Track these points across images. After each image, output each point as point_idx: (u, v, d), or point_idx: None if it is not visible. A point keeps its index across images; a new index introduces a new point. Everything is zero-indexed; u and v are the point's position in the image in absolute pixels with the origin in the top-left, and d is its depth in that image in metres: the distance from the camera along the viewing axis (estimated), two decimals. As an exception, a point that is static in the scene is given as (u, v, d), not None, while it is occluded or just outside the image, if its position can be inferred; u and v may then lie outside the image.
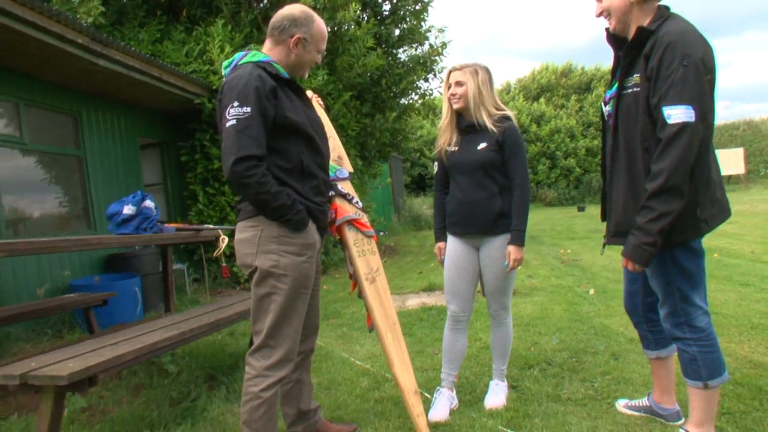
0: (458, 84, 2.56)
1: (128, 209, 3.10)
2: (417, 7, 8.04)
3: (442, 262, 2.76)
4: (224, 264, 3.73)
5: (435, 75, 8.82)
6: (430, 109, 9.71)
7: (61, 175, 5.42)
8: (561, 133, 22.76)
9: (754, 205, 12.99)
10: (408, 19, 8.10)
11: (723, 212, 1.93)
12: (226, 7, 7.06)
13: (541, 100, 24.01)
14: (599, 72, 23.87)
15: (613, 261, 6.65)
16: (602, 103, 2.14)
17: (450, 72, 2.62)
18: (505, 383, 2.78)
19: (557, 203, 21.97)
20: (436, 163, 2.80)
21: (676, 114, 1.72)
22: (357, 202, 2.47)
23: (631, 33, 1.92)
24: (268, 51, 2.13)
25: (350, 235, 2.39)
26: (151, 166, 7.10)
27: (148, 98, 6.25)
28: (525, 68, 71.69)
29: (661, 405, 2.32)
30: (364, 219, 2.47)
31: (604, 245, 2.19)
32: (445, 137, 2.68)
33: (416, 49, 8.58)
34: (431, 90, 9.13)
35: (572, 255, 7.83)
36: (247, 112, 1.86)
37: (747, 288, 4.75)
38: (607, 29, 2.03)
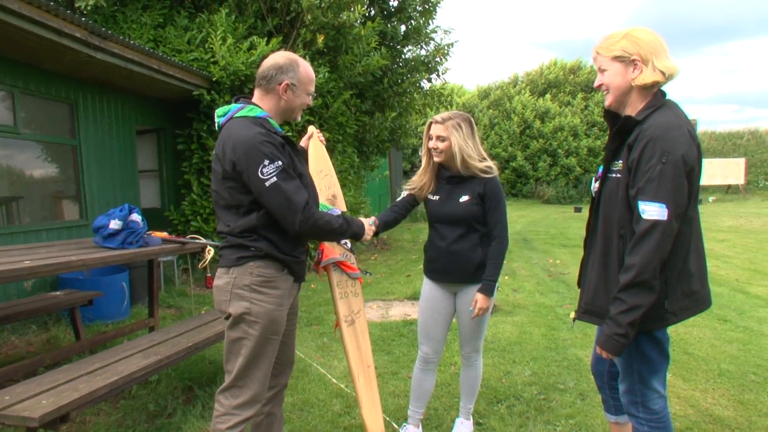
0: (440, 138, 2.56)
1: (114, 224, 3.14)
2: (426, 6, 7.95)
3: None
4: (209, 275, 3.77)
5: (438, 76, 8.76)
6: (428, 107, 9.64)
7: (55, 164, 5.44)
8: (564, 131, 22.67)
9: (749, 219, 13.04)
10: (414, 17, 8.01)
11: (698, 305, 1.95)
12: (230, -5, 6.98)
13: (547, 96, 23.84)
14: (608, 71, 23.68)
15: (599, 279, 6.71)
16: (593, 179, 2.15)
17: (431, 124, 2.61)
18: (471, 421, 2.86)
19: (555, 201, 22.00)
20: (404, 193, 2.78)
21: (650, 210, 1.75)
22: (345, 243, 2.52)
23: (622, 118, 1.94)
24: (259, 101, 2.16)
25: (334, 276, 2.46)
26: (147, 153, 7.12)
27: (146, 87, 6.24)
28: (536, 58, 70.84)
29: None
30: (352, 260, 2.53)
31: (574, 319, 2.23)
32: (425, 183, 2.68)
33: (421, 49, 8.51)
34: (433, 90, 9.07)
35: (560, 267, 7.90)
36: (280, 166, 1.96)
37: (724, 324, 4.83)
38: (605, 106, 2.04)
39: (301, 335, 4.61)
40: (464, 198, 2.58)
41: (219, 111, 2.19)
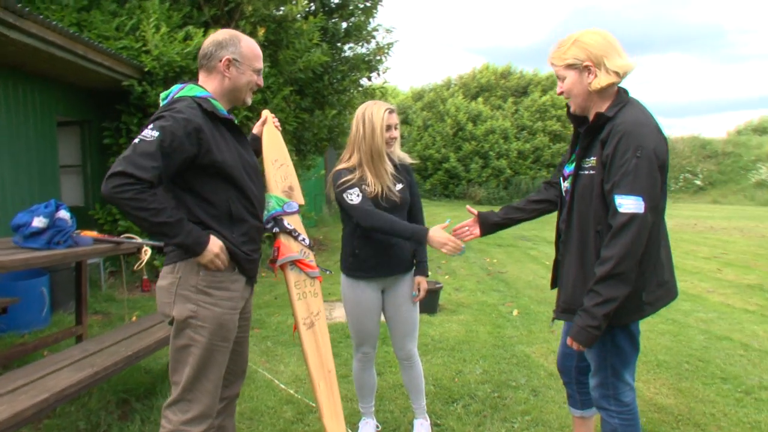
0: (396, 127, 2.53)
1: (39, 221, 2.82)
2: (367, 4, 7.87)
3: None
4: (146, 277, 3.48)
5: (378, 74, 8.72)
6: (378, 96, 9.56)
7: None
8: (495, 134, 23.37)
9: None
10: (357, 14, 7.92)
11: (669, 294, 2.00)
12: (163, -19, 6.58)
13: (480, 99, 24.50)
14: (536, 77, 24.64)
15: (537, 277, 6.93)
16: (560, 178, 2.16)
17: (391, 112, 2.51)
18: (428, 421, 2.82)
19: (486, 202, 22.62)
20: (358, 196, 2.41)
21: (627, 204, 1.77)
22: (303, 239, 2.38)
23: (592, 116, 1.95)
24: (203, 83, 2.03)
25: (292, 276, 2.32)
26: (70, 147, 6.57)
27: (69, 74, 5.74)
28: (468, 63, 72.93)
29: (578, 460, 2.43)
30: (310, 258, 2.39)
31: (553, 319, 2.23)
32: (381, 181, 2.50)
33: (362, 47, 8.44)
34: (373, 88, 9.02)
35: (498, 266, 8.09)
36: (153, 137, 1.74)
37: (655, 317, 5.09)
38: (567, 106, 2.06)
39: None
40: (399, 186, 2.56)
41: (162, 94, 2.04)
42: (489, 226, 2.43)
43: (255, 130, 2.47)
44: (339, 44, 8.11)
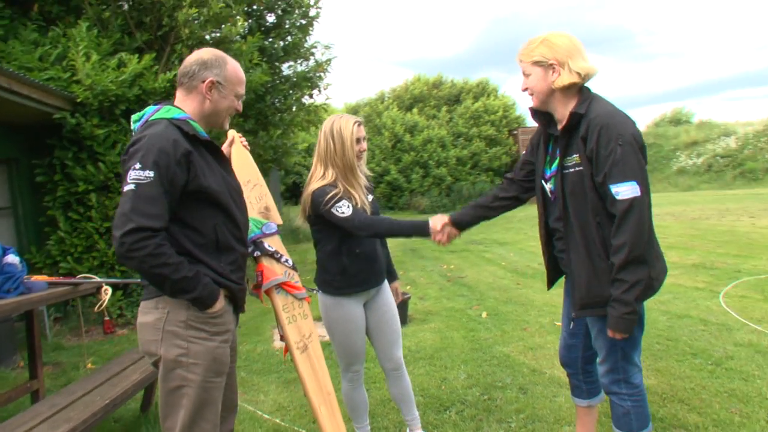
0: (365, 139, 2.52)
1: (-13, 269, 2.57)
2: (302, 22, 7.83)
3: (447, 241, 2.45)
4: (107, 318, 3.24)
5: (320, 91, 8.68)
6: (311, 124, 9.51)
7: None
8: (433, 143, 23.77)
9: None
10: (293, 33, 7.87)
11: (665, 268, 2.08)
12: (90, 7, 6.26)
13: (414, 110, 24.89)
14: (467, 85, 25.34)
15: (497, 279, 7.05)
16: (542, 180, 2.20)
17: (360, 125, 2.49)
18: (423, 431, 2.78)
19: (430, 211, 22.91)
20: (348, 207, 2.35)
21: (624, 191, 1.85)
22: (287, 261, 2.29)
23: (561, 114, 2.03)
24: (180, 103, 1.91)
25: (279, 300, 2.22)
26: (-4, 188, 6.08)
27: (-8, 110, 5.33)
28: (396, 76, 74.25)
29: (583, 450, 2.46)
30: (295, 279, 2.30)
31: (574, 318, 2.24)
32: (359, 192, 2.47)
33: (301, 65, 8.38)
34: (315, 106, 8.96)
35: (456, 271, 8.17)
36: (150, 177, 1.64)
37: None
38: (531, 107, 2.15)
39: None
40: (371, 197, 2.57)
41: (134, 117, 1.91)
42: (462, 227, 2.46)
43: (223, 150, 2.37)
44: (277, 63, 8.01)
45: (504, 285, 6.62)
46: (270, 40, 7.80)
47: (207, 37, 6.34)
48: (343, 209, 2.32)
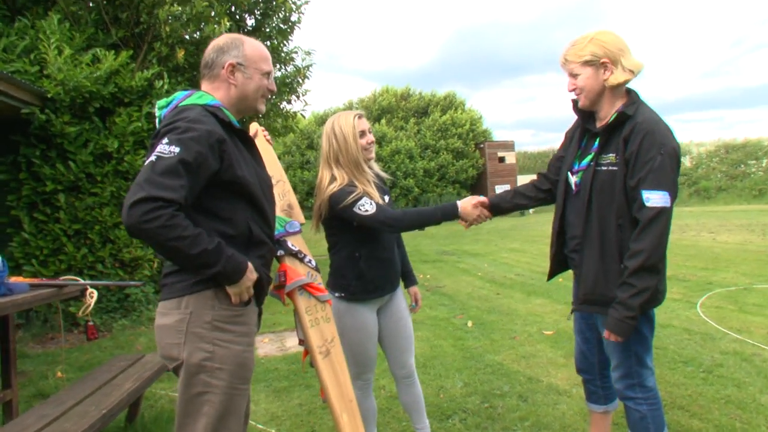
0: (369, 131, 2.41)
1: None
2: (282, 26, 7.72)
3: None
4: (91, 322, 3.00)
5: (298, 97, 8.57)
6: (290, 130, 9.39)
7: None
8: (401, 154, 23.89)
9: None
10: (273, 36, 7.74)
11: (666, 284, 2.09)
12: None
13: (383, 121, 24.99)
14: (435, 98, 25.66)
15: (476, 288, 7.06)
16: (568, 172, 2.18)
17: (360, 117, 2.38)
18: None
19: (398, 221, 22.97)
20: (372, 204, 2.25)
21: (655, 198, 1.84)
22: (310, 261, 2.19)
23: (607, 112, 2.01)
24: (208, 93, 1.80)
25: (302, 302, 2.12)
26: (-46, 186, 5.68)
27: (-46, 103, 4.99)
28: (364, 89, 74.38)
29: (598, 456, 2.44)
30: (318, 281, 2.20)
31: (572, 311, 2.24)
32: (373, 192, 2.35)
33: (280, 70, 8.24)
34: (294, 112, 8.83)
35: (433, 281, 8.15)
36: (174, 152, 1.52)
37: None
38: (574, 101, 2.11)
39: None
40: (387, 198, 2.47)
41: (160, 102, 1.80)
42: (498, 211, 2.44)
43: None
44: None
45: (484, 295, 6.63)
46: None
47: (188, 37, 6.16)
48: (366, 206, 2.23)
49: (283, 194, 2.26)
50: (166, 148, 1.52)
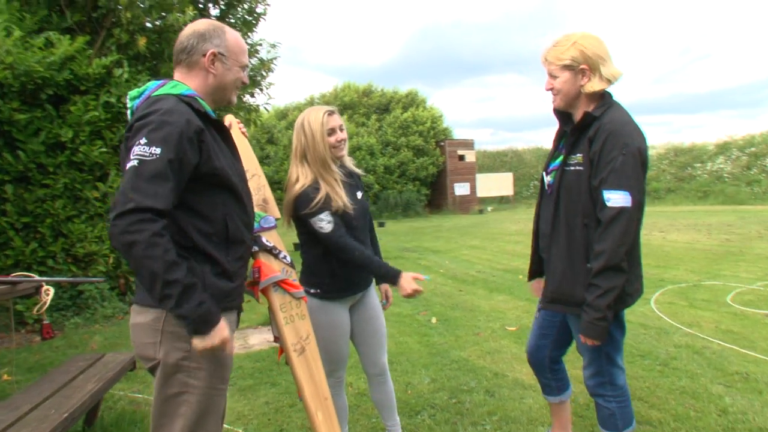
0: (341, 129, 2.36)
1: None
2: (247, 17, 7.55)
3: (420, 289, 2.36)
4: (46, 321, 2.85)
5: (262, 90, 8.41)
6: (252, 123, 9.20)
7: None
8: (362, 151, 23.83)
9: (526, 224, 15.35)
10: (238, 27, 7.56)
11: (641, 288, 2.13)
12: (11, -21, 5.66)
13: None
14: (397, 95, 25.68)
15: (439, 285, 7.13)
16: (543, 172, 2.24)
17: (331, 114, 2.33)
18: None
19: (359, 217, 22.93)
20: (329, 223, 2.25)
21: (615, 198, 1.87)
22: (285, 257, 2.15)
23: (577, 116, 2.04)
24: (182, 81, 1.74)
25: (276, 299, 2.08)
26: None
27: None
28: (326, 84, 73.68)
29: (561, 437, 2.52)
30: (293, 277, 2.17)
31: (539, 309, 2.28)
32: (339, 191, 2.30)
33: (243, 61, 8.05)
34: (257, 105, 8.67)
35: (397, 276, 8.19)
36: (155, 154, 1.47)
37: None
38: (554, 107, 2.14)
39: (149, 380, 3.88)
40: (359, 194, 2.46)
41: (132, 93, 1.73)
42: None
43: None
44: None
45: (447, 291, 6.70)
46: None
47: (149, 24, 5.94)
48: (323, 224, 2.22)
49: (259, 188, 2.21)
50: (146, 150, 1.47)
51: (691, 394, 3.18)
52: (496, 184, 22.09)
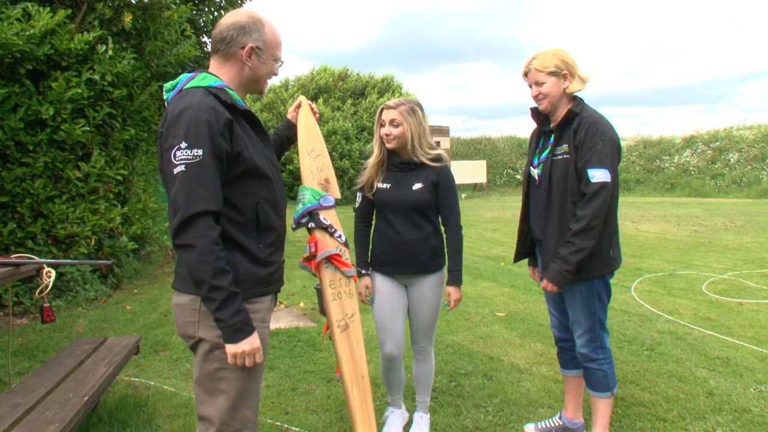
0: (393, 123, 2.53)
1: None
2: (233, -3, 7.38)
3: (367, 301, 2.64)
4: (47, 304, 2.75)
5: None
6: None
7: None
8: (337, 135, 23.69)
9: (502, 212, 15.62)
10: (224, 6, 7.39)
11: (621, 256, 2.45)
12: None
13: (320, 100, 24.62)
14: (372, 80, 25.54)
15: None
16: (530, 167, 2.55)
17: (383, 110, 2.57)
18: (428, 415, 2.86)
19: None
20: (358, 196, 2.72)
21: (598, 175, 2.21)
22: (340, 236, 2.25)
23: (560, 114, 2.38)
24: (216, 71, 1.81)
25: (327, 275, 2.19)
26: None
27: None
28: (300, 67, 72.80)
29: (573, 420, 2.69)
30: (345, 255, 2.26)
31: (541, 278, 2.46)
32: (373, 173, 2.64)
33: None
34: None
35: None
36: (199, 156, 1.55)
37: (540, 304, 5.69)
38: (533, 109, 2.49)
39: (151, 365, 3.86)
40: (417, 185, 2.55)
41: (167, 85, 1.79)
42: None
43: (289, 116, 2.29)
44: (204, 39, 7.48)
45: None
46: (196, 12, 7.25)
47: (134, 0, 5.75)
48: (358, 199, 2.69)
49: (321, 168, 2.30)
50: (189, 153, 1.54)
51: (679, 378, 3.35)
52: (470, 172, 22.33)
